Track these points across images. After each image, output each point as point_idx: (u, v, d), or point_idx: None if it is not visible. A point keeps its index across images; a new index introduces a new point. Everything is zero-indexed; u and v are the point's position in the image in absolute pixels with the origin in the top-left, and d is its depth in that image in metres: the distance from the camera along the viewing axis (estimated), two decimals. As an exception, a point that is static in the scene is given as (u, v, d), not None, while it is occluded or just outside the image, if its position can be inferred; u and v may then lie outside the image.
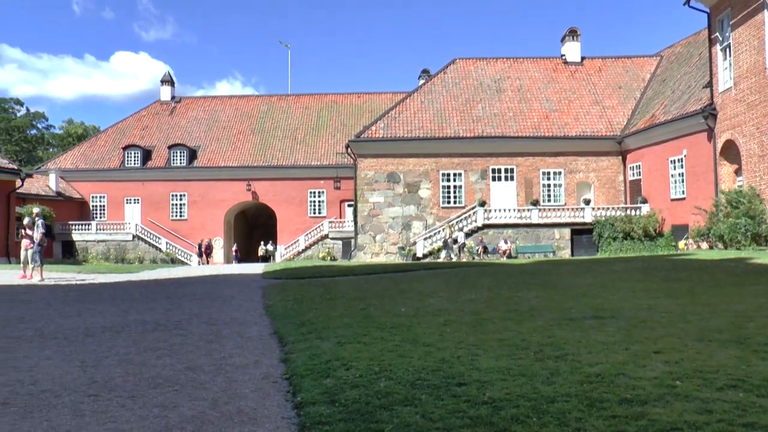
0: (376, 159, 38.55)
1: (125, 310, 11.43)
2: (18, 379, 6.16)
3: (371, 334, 7.83)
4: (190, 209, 50.76)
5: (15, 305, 12.22)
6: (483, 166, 38.18)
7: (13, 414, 5.01)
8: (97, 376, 6.24)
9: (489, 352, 6.64)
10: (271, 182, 50.13)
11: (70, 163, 52.96)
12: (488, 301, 11.37)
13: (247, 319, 9.99)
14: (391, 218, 38.12)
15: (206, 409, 5.05)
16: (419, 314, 9.71)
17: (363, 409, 4.65)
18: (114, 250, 47.55)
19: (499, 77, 42.86)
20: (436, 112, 40.00)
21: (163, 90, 59.01)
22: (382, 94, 56.75)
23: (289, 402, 5.19)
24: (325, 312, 10.17)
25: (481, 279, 16.48)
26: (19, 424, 4.74)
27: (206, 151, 52.17)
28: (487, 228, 35.92)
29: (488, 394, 4.95)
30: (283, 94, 58.84)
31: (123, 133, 55.05)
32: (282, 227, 50.00)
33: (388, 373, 5.72)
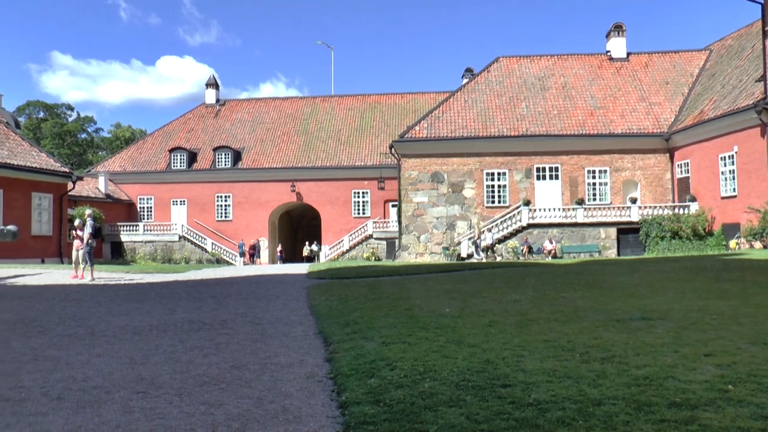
0: (419, 159, 38.50)
1: (172, 309, 11.62)
2: (71, 376, 6.32)
3: (416, 335, 7.82)
4: (235, 210, 51.34)
5: (68, 304, 12.52)
6: (527, 165, 37.85)
7: (66, 409, 5.15)
8: (145, 374, 6.37)
9: (534, 353, 6.59)
10: (315, 183, 50.41)
11: (118, 165, 54.04)
12: (533, 301, 11.28)
13: (291, 319, 10.07)
14: (436, 218, 38.04)
15: (251, 407, 5.12)
16: (464, 315, 9.68)
17: (407, 410, 4.65)
18: (161, 251, 48.36)
19: (543, 75, 42.43)
20: (479, 111, 39.78)
21: (208, 93, 59.79)
22: (426, 93, 56.60)
23: (334, 401, 5.22)
24: (370, 312, 10.19)
25: (525, 279, 16.34)
26: (72, 418, 4.87)
27: (251, 153, 52.70)
28: (531, 227, 35.61)
29: (533, 395, 4.91)
30: (326, 96, 59.09)
31: (169, 136, 55.97)
32: (326, 227, 50.23)
33: (433, 373, 5.72)
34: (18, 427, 4.68)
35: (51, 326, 9.59)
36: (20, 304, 12.48)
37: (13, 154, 32.83)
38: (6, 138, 33.56)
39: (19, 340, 8.39)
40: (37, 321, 10.11)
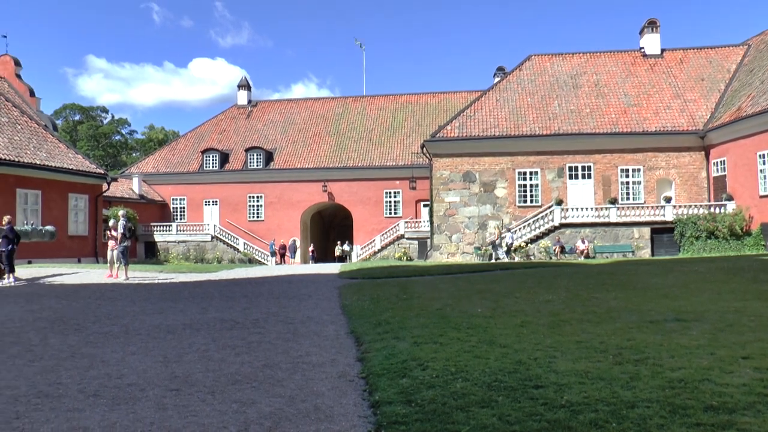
0: (451, 158, 38.39)
1: (205, 308, 11.74)
2: (106, 373, 6.43)
3: (447, 335, 7.81)
4: (267, 210, 51.68)
5: (103, 303, 12.72)
6: (560, 164, 37.53)
7: (102, 405, 5.25)
8: (178, 372, 6.45)
9: (566, 354, 6.54)
10: (346, 183, 50.53)
11: (151, 167, 54.75)
12: (566, 302, 11.19)
13: (323, 318, 10.12)
14: (467, 218, 37.90)
15: (283, 405, 5.16)
16: (495, 315, 9.64)
17: (439, 410, 4.66)
18: (193, 251, 48.87)
19: (576, 73, 42.03)
20: (511, 110, 39.55)
21: (240, 94, 60.30)
22: (457, 93, 56.42)
23: (366, 401, 5.24)
24: (402, 312, 10.20)
25: (558, 279, 16.23)
26: (108, 415, 4.96)
27: (282, 153, 53.01)
28: (564, 227, 35.31)
29: (566, 397, 4.88)
30: (358, 96, 59.21)
31: (201, 138, 56.54)
32: (358, 227, 50.33)
33: (465, 373, 5.71)
34: (56, 422, 4.78)
35: (87, 324, 9.76)
36: (58, 302, 12.70)
37: (51, 156, 33.45)
38: (44, 140, 34.21)
39: (56, 338, 8.56)
40: (74, 319, 10.29)
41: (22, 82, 55.80)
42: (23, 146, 32.16)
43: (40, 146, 33.30)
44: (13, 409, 5.16)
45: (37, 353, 7.52)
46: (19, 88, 54.52)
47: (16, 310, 11.32)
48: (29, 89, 55.80)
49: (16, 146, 31.66)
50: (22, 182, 31.38)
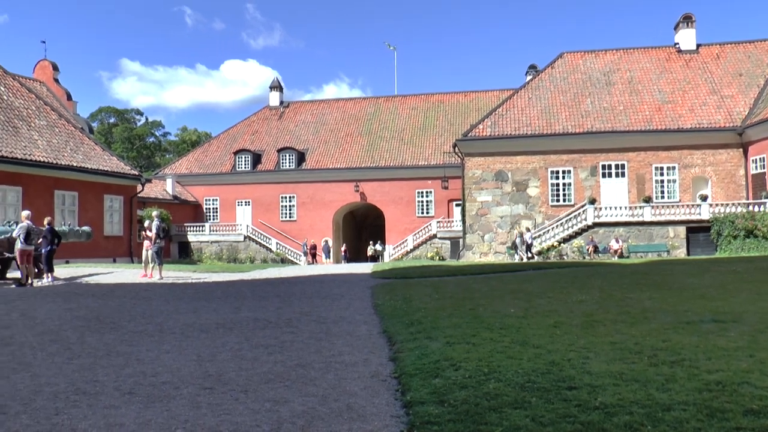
0: (483, 158, 38.23)
1: (237, 307, 11.83)
2: (141, 371, 6.52)
3: (480, 335, 7.78)
4: (299, 210, 51.96)
5: (138, 302, 12.88)
6: (593, 163, 37.15)
7: (137, 403, 5.33)
8: (211, 370, 6.52)
9: (600, 355, 6.47)
10: (378, 183, 50.59)
11: (185, 168, 55.39)
12: (599, 302, 11.08)
13: (356, 318, 10.14)
14: (500, 217, 37.71)
15: (316, 405, 5.18)
16: (528, 315, 9.58)
17: (472, 410, 4.64)
18: (226, 251, 49.32)
19: (609, 70, 41.55)
20: (543, 108, 39.26)
21: (272, 95, 60.71)
22: (489, 91, 56.15)
23: (398, 401, 5.24)
24: (434, 312, 10.18)
25: (591, 279, 16.07)
26: (143, 412, 5.03)
27: (314, 154, 53.26)
28: (597, 226, 34.94)
29: (600, 399, 4.83)
30: (389, 96, 59.24)
31: (234, 139, 57.04)
32: (390, 227, 50.35)
33: (497, 374, 5.68)
34: (94, 419, 4.86)
35: (122, 323, 9.90)
36: (94, 301, 12.90)
37: (87, 159, 34.02)
38: (81, 143, 34.80)
39: (93, 336, 8.69)
40: (110, 318, 10.45)
41: (59, 86, 56.89)
42: (61, 149, 32.76)
43: (76, 149, 33.89)
44: (53, 406, 5.27)
45: (75, 351, 7.66)
46: (57, 92, 55.58)
47: (54, 309, 11.53)
48: (66, 93, 56.86)
49: (54, 149, 32.27)
50: (60, 184, 31.99)
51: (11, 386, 5.96)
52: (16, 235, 17.23)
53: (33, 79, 53.58)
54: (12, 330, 9.23)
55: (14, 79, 35.22)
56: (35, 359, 7.20)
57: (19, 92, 34.05)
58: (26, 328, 9.38)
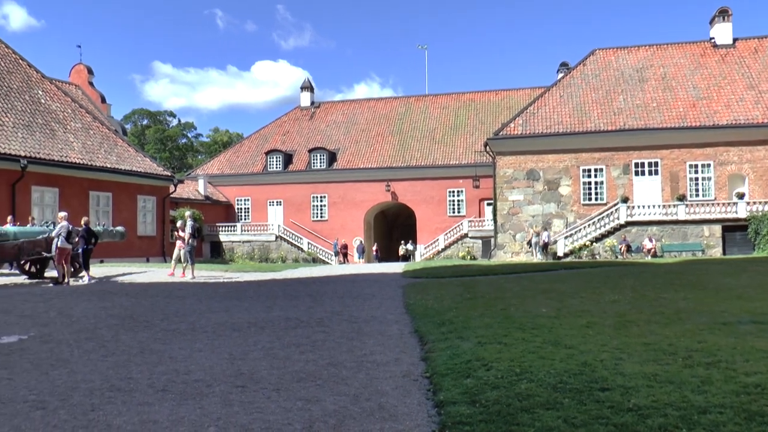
0: (514, 156, 38.01)
1: (269, 307, 11.91)
2: (174, 369, 6.60)
3: (512, 335, 7.74)
4: (331, 210, 52.12)
5: (171, 301, 13.03)
6: (625, 161, 36.71)
7: (170, 400, 5.39)
8: (243, 369, 6.57)
9: (633, 356, 6.40)
10: (410, 182, 50.54)
11: (216, 168, 55.89)
12: (632, 302, 10.96)
13: (387, 318, 10.14)
14: (531, 216, 37.46)
15: (348, 404, 5.19)
16: (560, 315, 9.51)
17: (504, 411, 4.62)
18: (258, 250, 49.64)
19: (642, 66, 41.00)
20: (575, 106, 38.91)
21: (303, 96, 60.98)
22: (520, 90, 55.77)
23: (430, 400, 5.24)
24: (465, 311, 10.15)
25: (624, 279, 15.90)
26: (176, 409, 5.10)
27: (345, 154, 53.39)
28: (630, 225, 34.55)
29: (633, 400, 4.77)
30: (420, 95, 59.15)
31: (265, 139, 57.42)
32: (421, 227, 50.28)
33: (529, 374, 5.65)
34: (128, 415, 4.94)
35: (155, 322, 10.03)
36: (128, 300, 13.08)
37: (121, 160, 34.52)
38: (114, 145, 35.32)
39: (127, 334, 8.82)
40: (143, 316, 10.59)
41: (94, 89, 57.89)
42: (95, 150, 33.30)
43: (110, 150, 34.42)
44: (89, 402, 5.36)
45: (109, 349, 7.78)
46: (92, 95, 56.55)
47: (90, 308, 11.71)
48: (101, 96, 57.84)
49: (88, 151, 32.81)
50: (95, 185, 32.52)
51: (50, 382, 6.09)
52: (56, 234, 17.50)
53: (69, 83, 54.60)
54: (50, 328, 9.41)
55: (51, 83, 35.89)
56: (72, 356, 7.34)
57: (56, 96, 34.68)
58: (63, 326, 9.55)
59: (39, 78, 34.71)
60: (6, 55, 33.97)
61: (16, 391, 5.79)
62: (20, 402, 5.41)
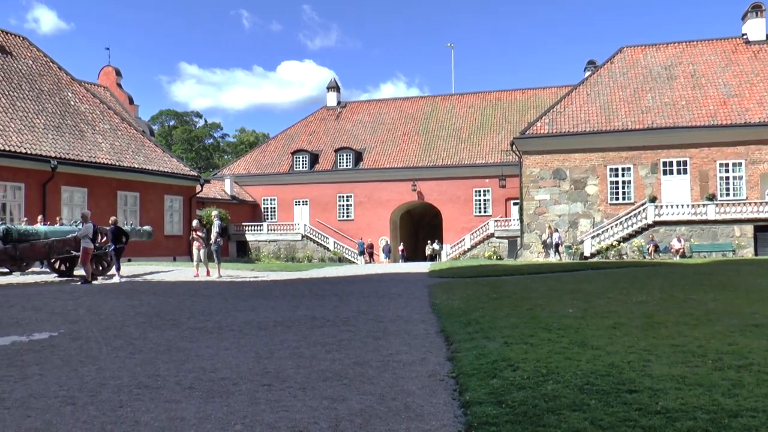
0: (541, 155, 37.78)
1: (295, 306, 11.95)
2: (201, 367, 6.66)
3: (538, 335, 7.69)
4: (357, 210, 52.23)
5: (198, 300, 13.13)
6: (653, 160, 36.29)
7: (197, 398, 5.44)
8: (270, 367, 6.60)
9: (662, 358, 6.32)
10: (436, 182, 50.48)
11: (243, 168, 56.29)
12: (660, 303, 10.82)
13: (413, 317, 10.13)
14: (558, 216, 37.21)
15: (374, 403, 5.19)
16: (587, 316, 9.43)
17: (530, 412, 4.59)
18: (284, 250, 49.90)
19: (670, 63, 40.48)
20: (602, 105, 38.56)
21: (329, 96, 61.17)
22: (547, 88, 55.43)
23: (456, 400, 5.22)
24: (492, 311, 10.10)
25: (652, 280, 15.72)
26: (203, 407, 5.14)
27: (372, 153, 53.47)
28: (658, 225, 34.15)
29: (661, 403, 4.71)
30: (446, 94, 59.03)
31: (291, 139, 57.69)
32: (447, 226, 50.19)
33: (556, 375, 5.61)
34: (156, 412, 4.99)
35: (182, 320, 10.11)
36: (155, 299, 13.20)
37: (149, 160, 34.91)
38: (142, 145, 35.73)
39: (154, 332, 8.91)
40: (170, 315, 10.69)
41: (122, 90, 58.63)
42: (123, 151, 33.71)
43: (138, 151, 34.83)
44: (117, 398, 5.43)
45: (137, 346, 7.86)
46: (120, 97, 57.27)
47: (118, 306, 11.85)
48: (128, 97, 58.56)
49: (117, 151, 33.23)
50: (123, 185, 32.93)
51: (79, 378, 6.18)
52: (81, 234, 17.69)
53: (98, 85, 55.38)
54: (79, 325, 9.54)
55: (80, 85, 36.46)
56: (101, 353, 7.43)
57: (85, 98, 35.17)
58: (92, 324, 9.68)
59: (69, 80, 35.23)
60: (37, 59, 34.52)
61: (48, 386, 5.89)
62: (51, 397, 5.50)
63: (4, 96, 29.87)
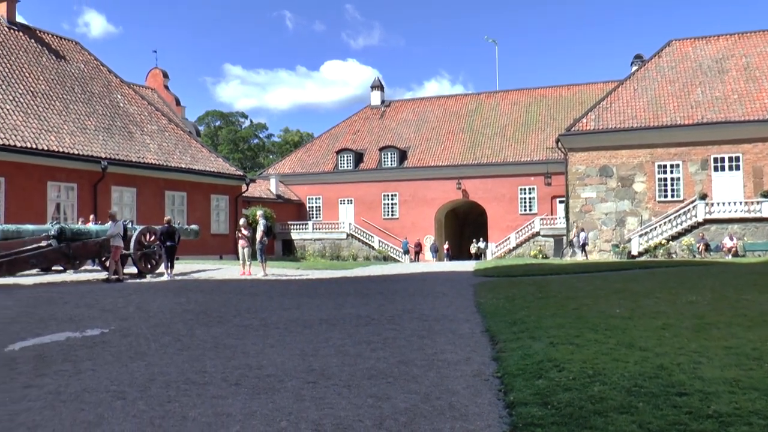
0: (587, 152, 37.27)
1: (340, 304, 12.00)
2: (247, 364, 6.73)
3: (584, 336, 7.59)
4: (402, 208, 52.27)
5: (243, 297, 13.27)
6: (703, 156, 35.46)
7: (243, 394, 5.51)
8: (315, 365, 6.64)
9: (713, 360, 6.17)
10: (480, 180, 50.21)
11: (288, 168, 56.81)
12: (712, 303, 10.56)
13: (458, 316, 10.09)
14: (604, 214, 36.67)
15: (418, 402, 5.18)
16: (635, 316, 9.26)
17: (576, 414, 4.53)
18: (329, 248, 50.19)
19: (722, 56, 39.43)
20: (650, 100, 37.84)
21: (373, 95, 61.32)
22: (593, 84, 54.62)
23: (501, 401, 5.18)
24: (537, 311, 10.00)
25: (702, 279, 15.37)
26: (249, 403, 5.20)
27: (416, 152, 53.43)
28: (708, 223, 33.38)
29: (713, 407, 4.58)
30: (491, 92, 58.62)
31: (336, 138, 58.01)
32: (492, 225, 49.91)
33: (602, 377, 5.52)
34: (203, 408, 5.07)
35: (228, 317, 10.24)
36: (202, 296, 13.38)
37: (195, 161, 35.49)
38: (189, 146, 36.35)
39: (201, 329, 9.04)
40: (217, 312, 10.83)
41: (169, 92, 59.75)
42: (170, 152, 34.34)
43: (185, 151, 35.44)
44: (165, 393, 5.54)
45: (184, 343, 7.99)
46: (167, 98, 58.37)
47: (166, 303, 12.05)
48: (175, 99, 59.67)
49: (164, 152, 33.86)
50: (170, 185, 33.54)
51: (129, 374, 6.32)
52: (112, 233, 17.85)
53: (146, 87, 56.53)
54: (129, 322, 9.73)
55: (129, 87, 37.30)
56: (149, 349, 7.58)
57: (134, 99, 35.91)
58: (141, 320, 9.87)
59: (118, 83, 36.02)
60: (89, 62, 35.36)
61: (99, 381, 6.03)
62: (103, 392, 5.63)
63: (58, 99, 30.67)
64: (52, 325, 9.48)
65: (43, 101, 29.72)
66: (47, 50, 33.06)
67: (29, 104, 28.75)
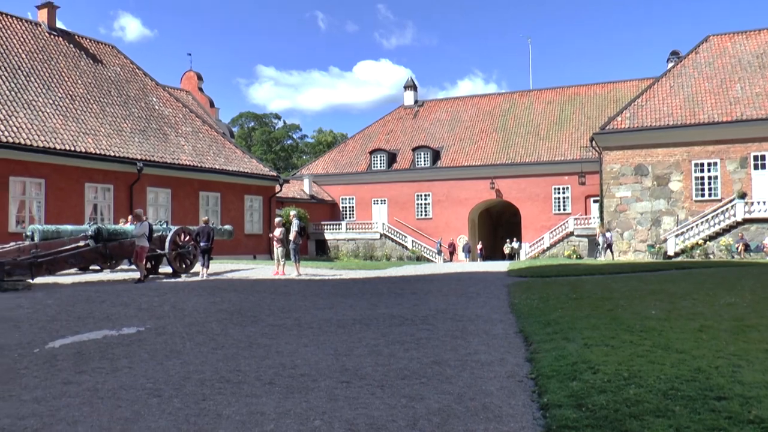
0: (622, 151, 36.80)
1: (374, 304, 12.02)
2: (281, 363, 6.79)
3: (619, 337, 7.50)
4: (435, 208, 52.17)
5: (277, 297, 13.36)
6: (742, 154, 34.76)
7: (277, 393, 5.56)
8: (348, 365, 6.67)
9: (754, 363, 6.04)
10: (514, 179, 49.88)
11: (321, 168, 57.06)
12: (751, 305, 10.35)
13: (492, 317, 10.06)
14: (639, 214, 36.18)
15: (452, 402, 5.18)
16: (671, 318, 9.13)
17: (611, 416, 4.48)
18: (362, 248, 50.27)
19: (762, 51, 38.53)
20: (687, 97, 37.21)
21: (407, 95, 61.28)
22: (628, 81, 53.89)
23: (535, 402, 5.16)
24: (571, 312, 9.92)
25: (741, 280, 15.09)
26: (283, 402, 5.25)
27: (449, 152, 53.28)
28: (748, 223, 32.71)
29: (755, 412, 4.49)
30: (524, 90, 58.19)
31: (369, 139, 58.10)
32: (526, 224, 49.56)
33: (638, 379, 5.45)
34: (237, 406, 5.13)
35: (262, 317, 10.32)
36: (236, 296, 13.49)
37: (229, 162, 35.84)
38: (223, 147, 36.72)
39: (235, 329, 9.13)
40: (251, 311, 10.92)
41: (203, 94, 60.45)
42: (204, 153, 34.73)
43: (219, 152, 35.80)
44: (200, 392, 5.62)
45: (219, 342, 8.08)
46: (201, 100, 59.05)
47: (201, 302, 12.18)
48: (209, 100, 60.34)
49: (198, 153, 34.25)
50: (204, 185, 33.92)
51: (165, 372, 6.41)
52: (137, 233, 17.97)
53: (180, 89, 57.29)
54: (164, 320, 9.87)
55: (164, 90, 37.85)
56: (184, 348, 7.68)
57: (168, 102, 36.40)
58: (176, 319, 9.99)
59: (153, 86, 36.55)
60: (125, 66, 35.94)
61: (136, 378, 6.14)
62: (139, 389, 5.74)
63: (95, 102, 31.21)
64: (90, 323, 9.66)
65: (81, 104, 30.27)
66: (85, 54, 33.68)
67: (68, 107, 29.31)
